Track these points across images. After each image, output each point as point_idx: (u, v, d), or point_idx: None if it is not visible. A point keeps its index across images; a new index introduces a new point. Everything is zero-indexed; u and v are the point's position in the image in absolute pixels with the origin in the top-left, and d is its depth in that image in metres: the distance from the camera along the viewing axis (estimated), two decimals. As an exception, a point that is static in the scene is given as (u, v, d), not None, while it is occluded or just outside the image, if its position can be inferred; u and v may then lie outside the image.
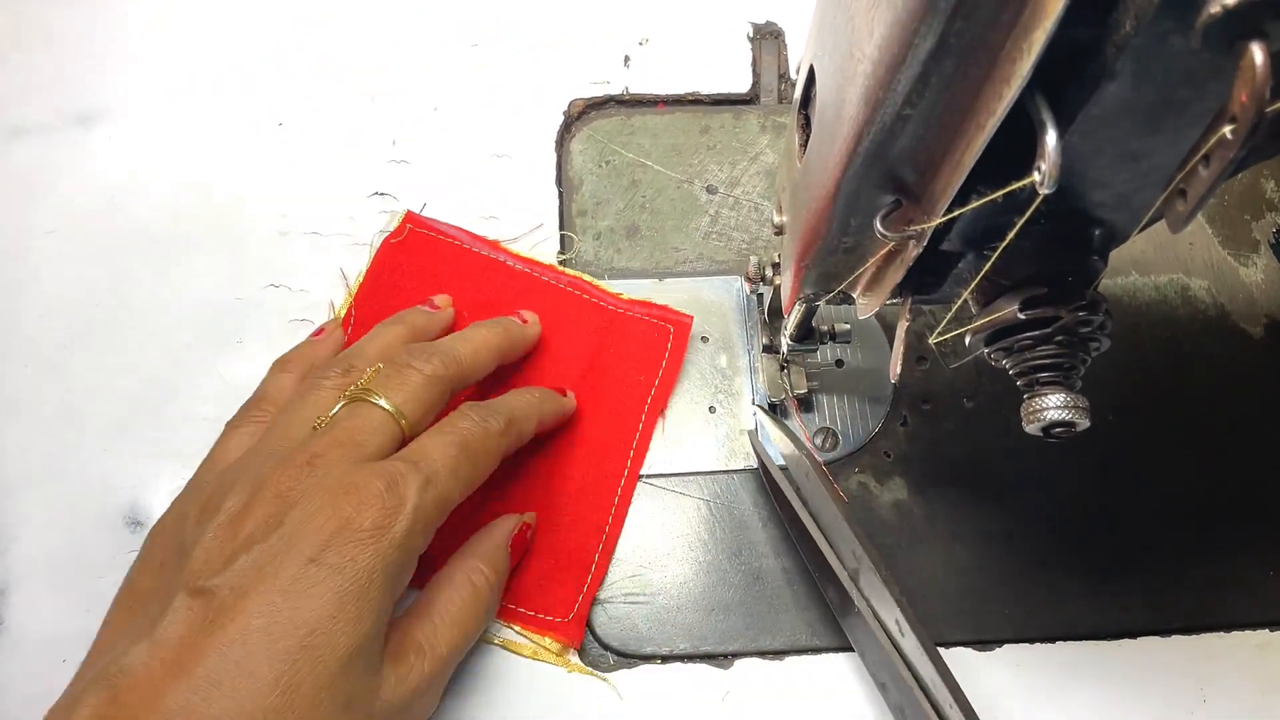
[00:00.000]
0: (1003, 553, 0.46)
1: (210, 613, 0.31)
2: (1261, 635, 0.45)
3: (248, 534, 0.33)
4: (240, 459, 0.37)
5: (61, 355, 0.48)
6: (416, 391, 0.38)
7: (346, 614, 0.32)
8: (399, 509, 0.34)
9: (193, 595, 0.32)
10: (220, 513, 0.34)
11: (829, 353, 0.49)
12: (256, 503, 0.34)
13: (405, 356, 0.40)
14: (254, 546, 0.33)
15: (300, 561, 0.32)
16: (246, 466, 0.36)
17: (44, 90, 0.53)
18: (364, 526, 0.33)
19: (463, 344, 0.42)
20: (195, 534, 0.34)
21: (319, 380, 0.39)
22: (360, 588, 0.33)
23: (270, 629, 0.31)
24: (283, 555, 0.32)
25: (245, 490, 0.34)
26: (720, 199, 0.53)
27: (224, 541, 0.33)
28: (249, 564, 0.32)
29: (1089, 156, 0.24)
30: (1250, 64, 0.18)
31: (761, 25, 0.57)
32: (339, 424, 0.37)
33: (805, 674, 0.43)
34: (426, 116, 0.54)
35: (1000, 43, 0.21)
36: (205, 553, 0.33)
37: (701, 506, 0.46)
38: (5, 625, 0.43)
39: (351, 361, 0.41)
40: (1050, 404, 0.29)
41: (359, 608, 0.32)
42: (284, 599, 0.32)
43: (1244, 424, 0.49)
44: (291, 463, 0.35)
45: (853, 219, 0.29)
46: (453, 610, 0.38)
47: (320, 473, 0.34)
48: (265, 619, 0.31)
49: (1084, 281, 0.29)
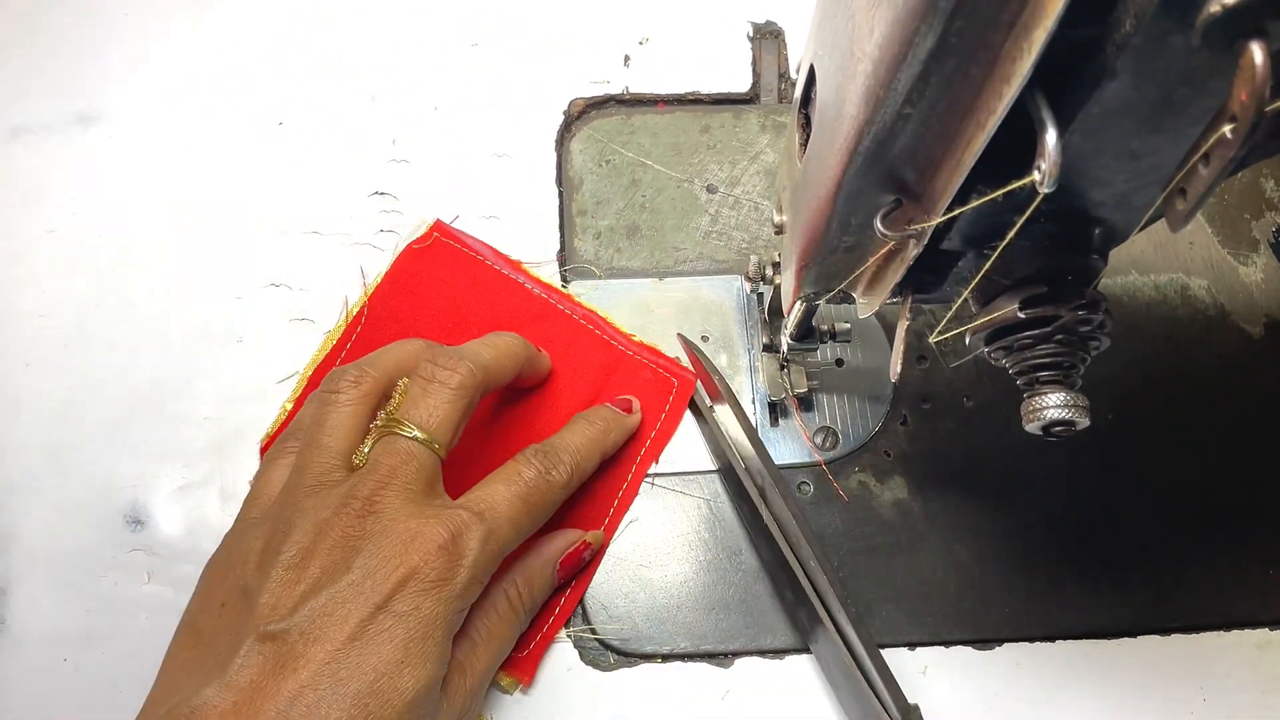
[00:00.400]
0: (1003, 551, 0.46)
1: (280, 657, 0.32)
2: (1261, 634, 0.45)
3: (314, 579, 0.34)
4: (283, 495, 0.37)
5: (62, 355, 0.48)
6: (446, 412, 0.38)
7: (412, 660, 0.33)
8: (462, 559, 0.35)
9: (262, 640, 0.32)
10: (283, 553, 0.34)
11: (829, 352, 0.49)
12: (321, 547, 0.34)
13: (429, 367, 0.39)
14: (321, 591, 0.33)
15: (368, 608, 0.33)
16: (295, 505, 0.36)
17: (44, 90, 0.53)
18: (430, 576, 0.34)
19: (487, 349, 0.41)
20: (259, 577, 0.34)
21: (332, 397, 0.38)
22: (425, 634, 0.34)
23: (340, 674, 0.32)
24: (350, 601, 0.33)
25: (307, 534, 0.35)
26: (720, 198, 0.53)
27: (290, 586, 0.34)
28: (317, 609, 0.33)
29: (1089, 155, 0.24)
30: (1250, 63, 0.18)
31: (761, 25, 0.57)
32: (381, 464, 0.36)
33: (805, 673, 0.43)
34: (427, 116, 0.54)
35: (1000, 42, 0.21)
36: (272, 596, 0.33)
37: (702, 505, 0.46)
38: (6, 624, 0.43)
39: (361, 368, 0.39)
40: (1050, 403, 0.29)
41: (423, 653, 0.33)
42: (353, 645, 0.32)
43: (1244, 423, 0.49)
44: (350, 509, 0.35)
45: (853, 218, 0.29)
46: (489, 626, 0.39)
47: (385, 519, 0.35)
48: (335, 664, 0.32)
49: (1084, 280, 0.29)
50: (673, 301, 0.50)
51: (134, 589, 0.44)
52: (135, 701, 0.38)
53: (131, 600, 0.44)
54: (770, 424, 0.48)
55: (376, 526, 0.35)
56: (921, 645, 0.44)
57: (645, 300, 0.50)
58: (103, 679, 0.42)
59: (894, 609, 0.45)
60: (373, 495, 0.35)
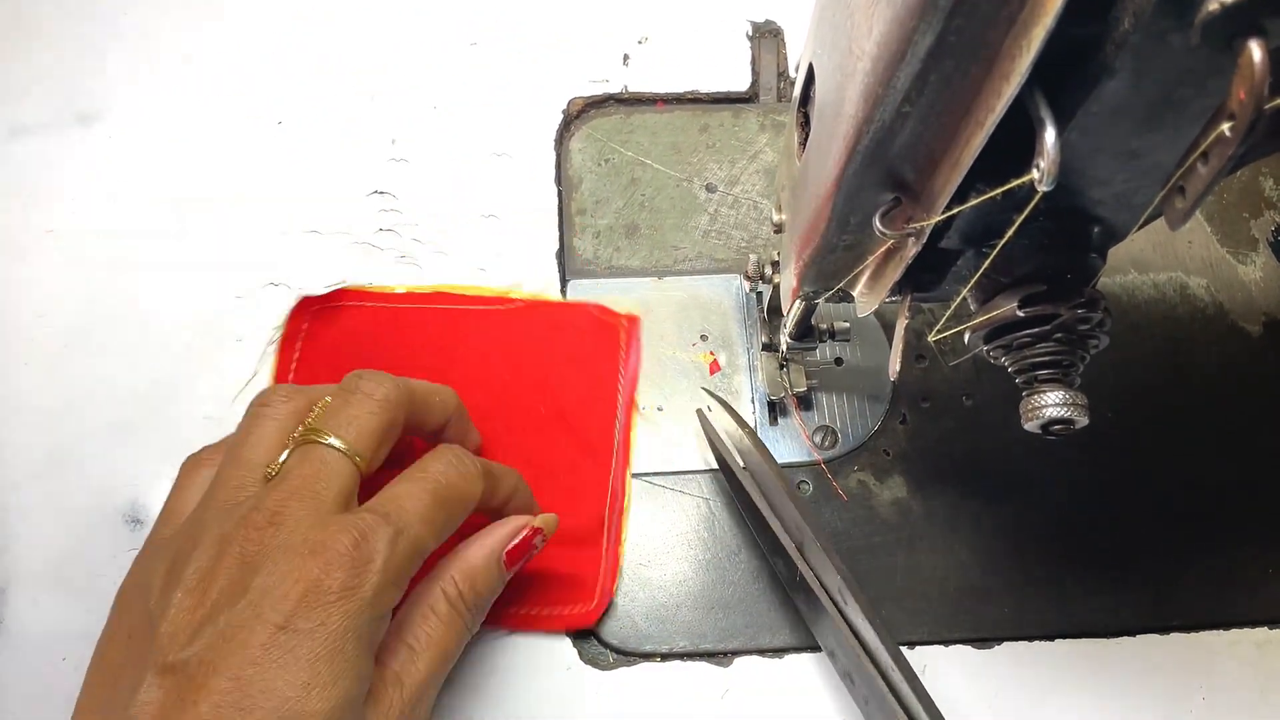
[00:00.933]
0: (1002, 550, 0.46)
1: (180, 690, 0.30)
2: (1261, 633, 0.45)
3: (213, 602, 0.32)
4: (195, 513, 0.35)
5: (61, 354, 0.48)
6: (368, 423, 0.36)
7: (320, 680, 0.31)
8: (368, 566, 0.32)
9: (162, 674, 0.31)
10: (185, 577, 0.32)
11: (828, 351, 0.49)
12: (220, 567, 0.32)
13: (354, 381, 0.37)
14: (219, 616, 0.31)
15: (269, 630, 0.31)
16: (203, 523, 0.34)
17: (44, 89, 0.53)
18: (332, 588, 0.32)
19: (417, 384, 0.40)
20: (161, 604, 0.33)
21: (261, 411, 0.37)
22: (332, 650, 0.31)
23: (242, 703, 0.30)
24: (251, 623, 0.31)
25: (207, 554, 0.33)
26: (719, 197, 0.53)
27: (190, 611, 0.32)
28: (216, 635, 0.31)
29: (1088, 154, 0.24)
30: (1249, 61, 0.18)
31: (761, 24, 0.57)
32: (292, 473, 0.34)
33: (804, 672, 0.43)
34: (426, 115, 0.54)
35: (999, 40, 0.21)
36: (171, 625, 0.32)
37: (701, 505, 0.46)
38: (5, 624, 0.43)
39: (297, 387, 0.38)
40: (1049, 401, 0.29)
41: (333, 671, 0.31)
42: (255, 670, 0.30)
43: (1242, 422, 0.49)
44: (251, 523, 0.33)
45: (852, 216, 0.29)
46: (426, 632, 0.36)
47: (285, 531, 0.33)
48: (237, 694, 0.30)
49: (1083, 279, 0.29)
50: (672, 300, 0.50)
51: (133, 588, 0.44)
52: (135, 700, 0.37)
53: (131, 599, 0.44)
54: (769, 423, 0.48)
55: (276, 540, 0.32)
56: (921, 644, 0.44)
57: (644, 299, 0.51)
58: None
59: (893, 608, 0.45)
60: (279, 508, 0.33)
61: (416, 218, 0.51)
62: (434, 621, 0.36)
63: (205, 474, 0.38)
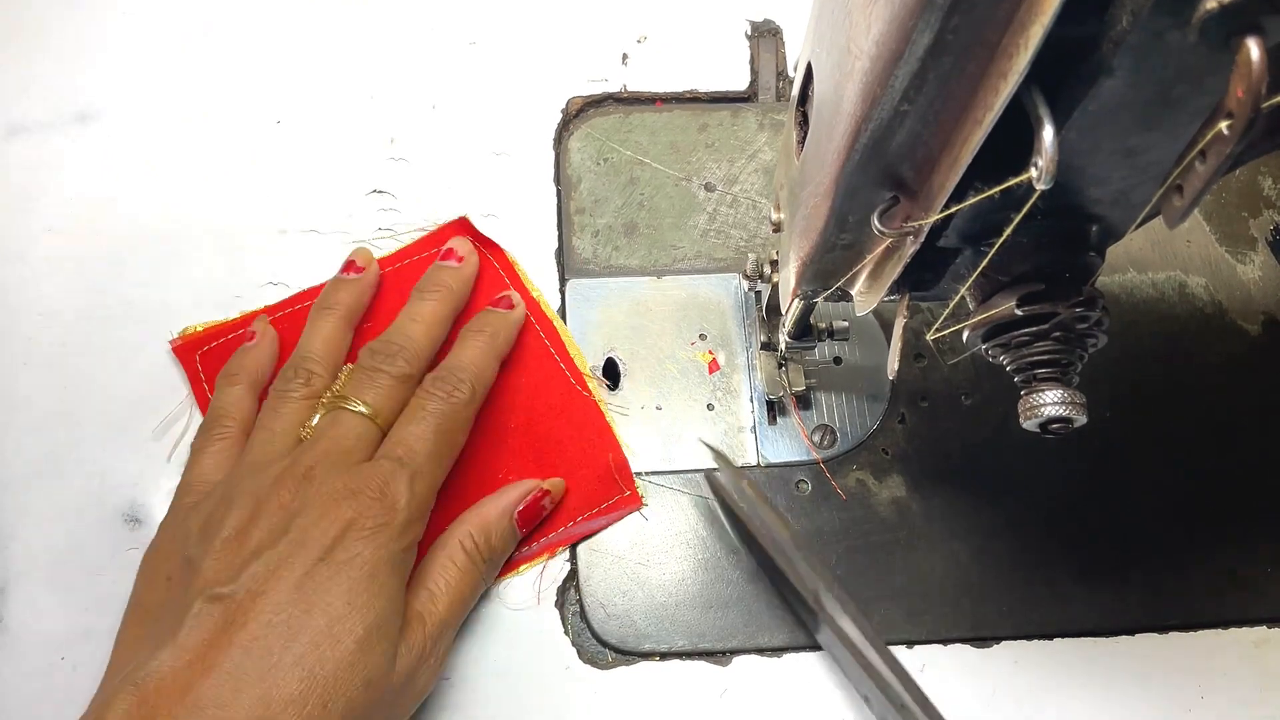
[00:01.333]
0: (1001, 549, 0.46)
1: (229, 615, 0.34)
2: (1259, 632, 0.45)
3: (255, 544, 0.36)
4: (231, 476, 0.40)
5: (60, 353, 0.48)
6: (388, 391, 0.41)
7: (358, 602, 0.35)
8: (395, 505, 0.37)
9: (210, 601, 0.34)
10: (224, 527, 0.36)
11: (827, 350, 0.49)
12: (261, 516, 0.36)
13: (371, 360, 0.42)
14: (264, 553, 0.35)
15: (310, 561, 0.35)
16: (239, 482, 0.38)
17: (42, 88, 0.53)
18: (366, 525, 0.36)
19: (415, 326, 0.44)
20: (201, 549, 0.36)
21: (285, 393, 0.42)
22: (368, 576, 0.35)
23: (289, 622, 0.34)
24: (292, 558, 0.35)
25: (247, 506, 0.37)
26: (718, 196, 0.53)
27: (233, 553, 0.36)
28: (261, 568, 0.35)
29: (1086, 152, 0.24)
30: (1246, 59, 0.18)
31: (759, 23, 0.57)
32: (324, 434, 0.39)
33: (803, 671, 0.43)
34: (425, 114, 0.54)
35: (997, 38, 0.21)
36: (216, 563, 0.35)
37: (700, 504, 0.46)
38: (4, 623, 0.43)
39: (308, 368, 0.43)
40: (1047, 400, 0.29)
41: (369, 594, 0.35)
42: (299, 594, 0.34)
43: (1241, 421, 0.49)
44: (290, 477, 0.37)
45: (850, 215, 0.29)
46: (447, 578, 0.40)
47: (317, 483, 0.37)
48: (283, 614, 0.34)
49: (1081, 278, 0.29)
50: (671, 300, 0.50)
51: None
52: (133, 700, 0.37)
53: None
54: (768, 422, 0.48)
55: (311, 490, 0.37)
56: (919, 643, 0.44)
57: (643, 298, 0.51)
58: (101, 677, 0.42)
59: (892, 607, 0.45)
60: (312, 464, 0.38)
61: (415, 217, 0.51)
62: (453, 570, 0.40)
63: (217, 447, 0.42)
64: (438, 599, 0.39)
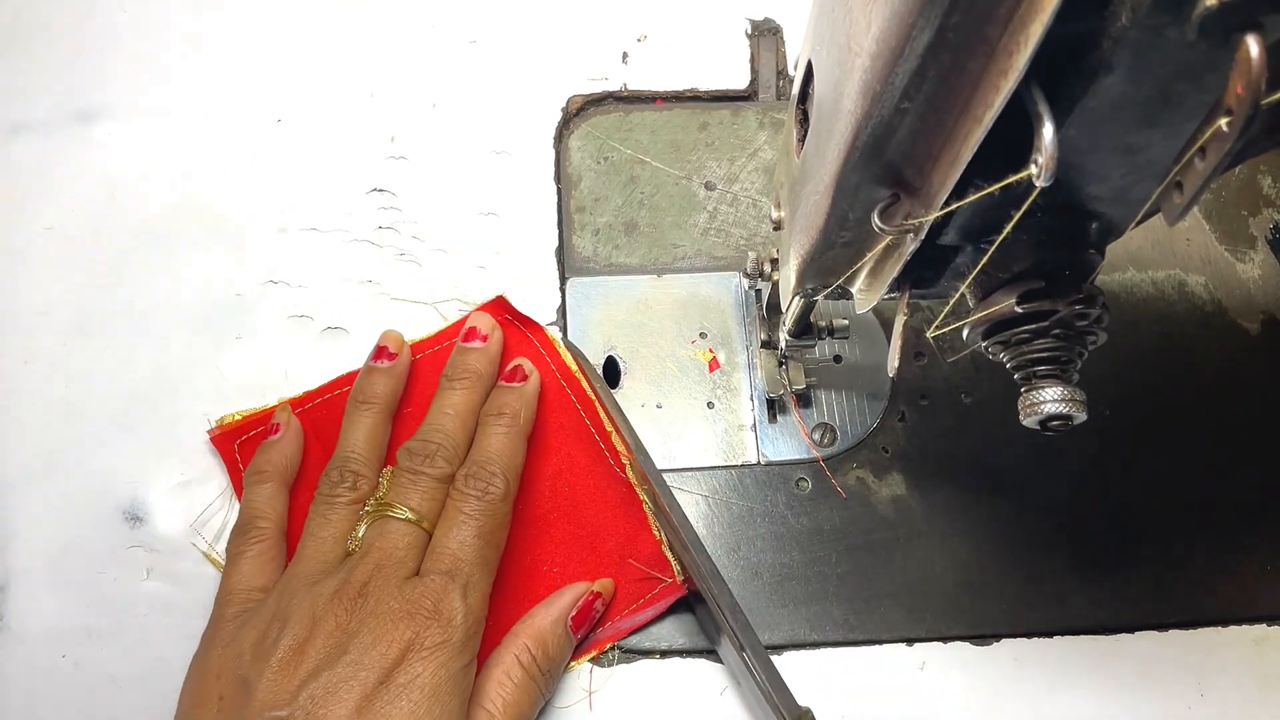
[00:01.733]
0: (1001, 547, 0.46)
1: None
2: (1259, 630, 0.45)
3: (313, 665, 0.35)
4: (282, 589, 0.38)
5: (61, 351, 0.48)
6: (431, 493, 0.41)
7: None
8: (451, 621, 0.37)
9: None
10: (280, 648, 0.35)
11: (827, 348, 0.49)
12: (317, 635, 0.36)
13: (410, 462, 0.41)
14: (321, 675, 0.34)
15: (370, 684, 0.34)
16: (291, 598, 0.37)
17: (44, 87, 0.53)
18: (425, 644, 0.36)
19: (449, 421, 0.43)
20: (256, 669, 0.35)
21: (332, 499, 0.41)
22: (429, 698, 0.35)
23: None
24: (351, 679, 0.34)
25: (303, 624, 0.36)
26: (718, 195, 0.53)
27: (289, 674, 0.35)
28: (318, 691, 0.34)
29: (1085, 150, 0.24)
30: (1246, 56, 0.18)
31: (760, 22, 0.57)
32: (374, 546, 0.39)
33: (803, 669, 0.43)
34: (425, 113, 0.54)
35: (997, 36, 0.21)
36: (272, 684, 0.34)
37: (700, 502, 0.46)
38: (5, 621, 0.43)
39: (353, 469, 0.42)
40: (1047, 397, 0.29)
41: (430, 718, 0.34)
42: (359, 717, 0.33)
43: (1240, 419, 0.49)
44: (345, 594, 0.37)
45: (851, 213, 0.29)
46: (504, 695, 0.39)
47: (373, 601, 0.36)
48: None
49: (1081, 275, 0.29)
50: (671, 298, 0.50)
51: (133, 585, 0.44)
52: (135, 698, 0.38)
53: (131, 597, 0.44)
54: (768, 420, 0.48)
55: (367, 608, 0.36)
56: (920, 641, 0.44)
57: (643, 297, 0.51)
58: (102, 675, 0.42)
59: (892, 605, 0.45)
60: (365, 580, 0.37)
61: (416, 215, 0.51)
62: (510, 686, 0.39)
63: (254, 550, 0.41)
64: (496, 718, 0.38)
